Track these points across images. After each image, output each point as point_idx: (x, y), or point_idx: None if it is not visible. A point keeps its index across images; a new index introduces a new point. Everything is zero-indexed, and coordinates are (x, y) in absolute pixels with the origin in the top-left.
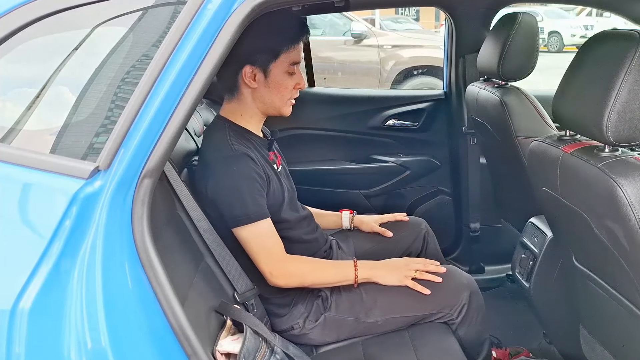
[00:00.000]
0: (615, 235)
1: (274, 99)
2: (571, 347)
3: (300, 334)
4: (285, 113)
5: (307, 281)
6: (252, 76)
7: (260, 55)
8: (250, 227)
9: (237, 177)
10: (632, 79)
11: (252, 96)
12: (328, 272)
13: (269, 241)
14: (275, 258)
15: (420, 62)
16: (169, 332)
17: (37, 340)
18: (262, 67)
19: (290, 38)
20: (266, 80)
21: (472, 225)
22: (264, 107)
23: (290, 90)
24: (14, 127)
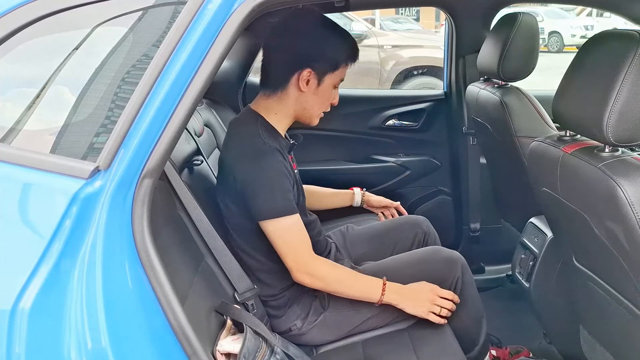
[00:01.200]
0: (615, 236)
1: (315, 107)
2: (571, 347)
3: (299, 334)
4: (314, 123)
5: (330, 287)
6: (306, 80)
7: (323, 64)
8: (278, 221)
9: (269, 171)
10: (633, 79)
11: (296, 98)
12: (355, 284)
13: (297, 237)
14: (303, 254)
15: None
16: (169, 332)
17: (37, 340)
18: (319, 74)
19: (350, 55)
20: (317, 88)
21: (472, 225)
22: (301, 112)
23: (327, 104)
24: (14, 127)
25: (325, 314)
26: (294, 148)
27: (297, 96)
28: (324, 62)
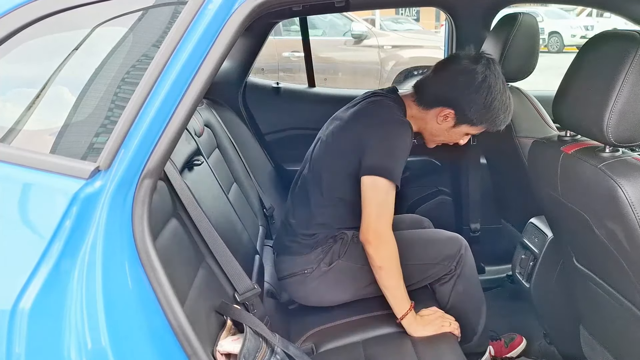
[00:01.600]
0: (616, 236)
1: (440, 138)
2: (571, 347)
3: (308, 280)
4: (430, 146)
5: (381, 260)
6: (444, 117)
7: (469, 116)
8: (384, 181)
9: (402, 142)
10: (633, 79)
11: (430, 123)
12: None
13: (389, 202)
14: (387, 218)
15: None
16: (169, 332)
17: (37, 340)
18: (458, 121)
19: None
20: (450, 129)
21: (472, 225)
22: (427, 133)
23: (447, 140)
24: (14, 127)
25: (339, 261)
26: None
27: (432, 122)
28: (471, 116)
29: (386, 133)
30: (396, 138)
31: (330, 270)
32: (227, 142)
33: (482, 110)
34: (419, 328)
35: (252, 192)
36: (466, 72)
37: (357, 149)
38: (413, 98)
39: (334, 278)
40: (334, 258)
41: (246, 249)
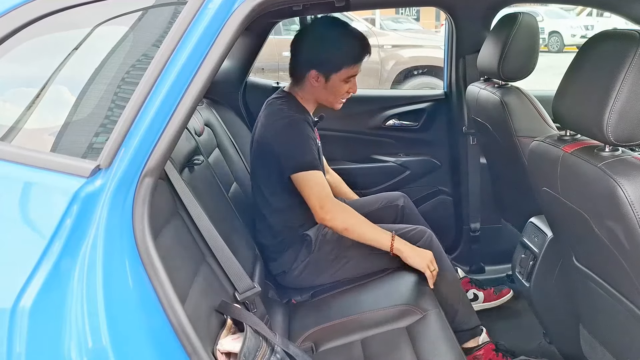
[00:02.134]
0: (616, 235)
1: (329, 98)
2: (571, 347)
3: (293, 276)
4: (335, 108)
5: (347, 223)
6: (315, 78)
7: (326, 67)
8: (307, 173)
9: (299, 134)
10: (633, 78)
11: (312, 90)
12: (368, 228)
13: (323, 185)
14: (326, 196)
15: (420, 62)
16: (170, 331)
17: (38, 339)
18: (325, 75)
19: (354, 57)
20: (326, 84)
21: (472, 225)
22: (319, 99)
23: (343, 94)
24: (15, 126)
25: (310, 257)
26: (317, 124)
27: (312, 89)
28: (327, 65)
29: (284, 136)
30: (293, 135)
31: (308, 264)
32: (227, 141)
33: (333, 52)
34: (412, 253)
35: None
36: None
37: (274, 158)
38: (293, 83)
39: (314, 269)
40: (307, 255)
41: (246, 248)
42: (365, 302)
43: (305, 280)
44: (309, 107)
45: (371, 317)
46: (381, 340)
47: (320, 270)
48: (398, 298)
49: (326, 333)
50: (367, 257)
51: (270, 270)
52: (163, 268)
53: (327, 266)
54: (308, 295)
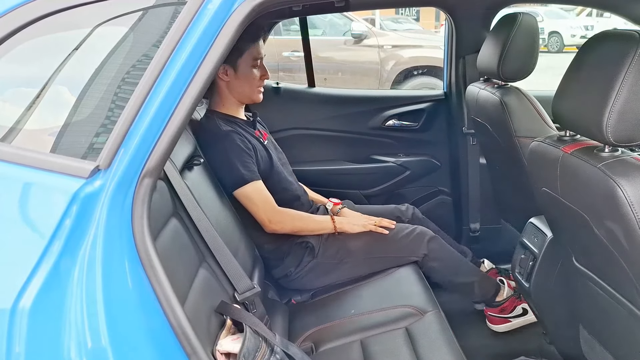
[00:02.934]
0: (615, 236)
1: (245, 89)
2: (571, 347)
3: (295, 279)
4: (256, 100)
5: (297, 226)
6: (224, 72)
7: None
8: (246, 188)
9: (228, 152)
10: (632, 79)
11: (227, 88)
12: (312, 221)
13: (264, 196)
14: (270, 208)
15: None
16: (169, 331)
17: (37, 339)
18: (231, 63)
19: (251, 38)
20: (236, 73)
21: (472, 225)
22: (238, 95)
23: (257, 80)
24: (14, 126)
25: (314, 261)
26: (256, 123)
27: (226, 86)
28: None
29: (213, 159)
30: (219, 154)
31: (312, 267)
32: None
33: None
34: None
35: None
36: None
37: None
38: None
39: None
40: (310, 260)
41: (246, 248)
42: (365, 302)
43: (308, 282)
44: (235, 111)
45: (371, 318)
46: (381, 340)
47: (325, 273)
48: (398, 298)
49: (326, 333)
50: (371, 259)
51: (273, 274)
52: (162, 268)
53: (332, 268)
54: (308, 295)
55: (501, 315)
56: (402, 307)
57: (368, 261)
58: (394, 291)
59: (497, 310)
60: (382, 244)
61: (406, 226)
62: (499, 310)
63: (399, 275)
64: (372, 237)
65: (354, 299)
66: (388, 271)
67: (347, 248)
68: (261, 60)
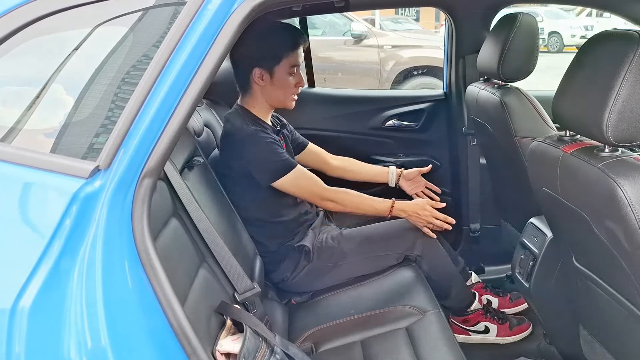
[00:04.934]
0: (615, 236)
1: (279, 95)
2: (571, 347)
3: (293, 282)
4: (289, 107)
5: (348, 205)
6: (260, 76)
7: (267, 60)
8: (288, 176)
9: (260, 147)
10: (632, 79)
11: (261, 92)
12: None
13: (309, 178)
14: (320, 187)
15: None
16: (169, 331)
17: (37, 339)
18: (268, 69)
19: (290, 46)
20: (272, 80)
21: (472, 225)
22: (271, 100)
23: (292, 88)
24: (14, 126)
25: (309, 265)
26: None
27: (260, 90)
28: (267, 60)
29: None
30: (256, 147)
31: (308, 271)
32: None
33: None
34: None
35: None
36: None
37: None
38: (242, 95)
39: (314, 276)
40: (306, 264)
41: (246, 248)
42: (365, 302)
43: (305, 285)
44: (264, 115)
45: (371, 318)
46: (381, 340)
47: (320, 276)
48: (398, 298)
49: (326, 333)
50: (366, 260)
51: (271, 279)
52: (162, 268)
53: (327, 271)
54: (308, 295)
55: (462, 325)
56: (402, 307)
57: (364, 261)
58: (394, 291)
59: (460, 320)
60: (376, 243)
61: (400, 221)
62: (462, 320)
63: (399, 275)
64: (366, 238)
65: (354, 299)
66: (388, 271)
67: (342, 251)
68: (298, 67)
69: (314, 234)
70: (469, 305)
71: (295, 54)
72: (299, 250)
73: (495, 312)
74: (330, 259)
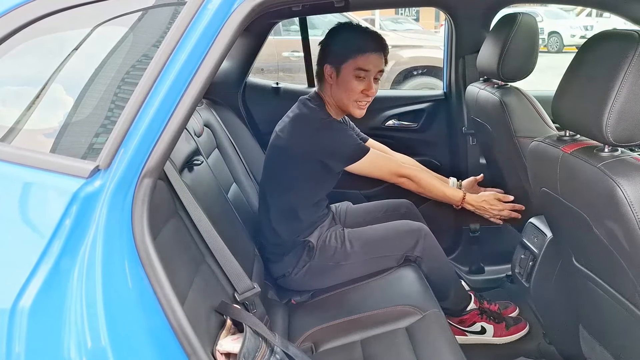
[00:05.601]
0: (615, 236)
1: (342, 96)
2: (571, 347)
3: (293, 279)
4: (354, 114)
5: (422, 184)
6: (330, 73)
7: (335, 57)
8: (365, 159)
9: (335, 134)
10: (632, 79)
11: (330, 90)
12: (438, 184)
13: (385, 157)
14: (397, 164)
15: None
16: (169, 331)
17: (37, 339)
18: (336, 66)
19: (360, 48)
20: (337, 79)
21: (472, 225)
22: (337, 101)
23: (357, 93)
24: (14, 126)
25: (311, 262)
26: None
27: (330, 89)
28: (335, 57)
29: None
30: (332, 133)
31: (309, 268)
32: (226, 142)
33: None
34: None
35: (252, 192)
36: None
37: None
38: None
39: (315, 274)
40: (307, 260)
41: (246, 248)
42: (365, 302)
43: (305, 283)
44: (335, 113)
45: (371, 318)
46: (381, 340)
47: (321, 275)
48: (398, 298)
49: (326, 333)
50: (366, 261)
51: (271, 272)
52: (162, 268)
53: (327, 271)
54: (308, 295)
55: (459, 326)
56: (402, 307)
57: (364, 262)
58: (394, 291)
59: (457, 321)
60: (377, 245)
61: (401, 223)
62: (459, 321)
63: (399, 275)
64: (367, 239)
65: (354, 299)
66: (388, 271)
67: (343, 251)
68: (368, 73)
69: (320, 233)
70: (465, 307)
71: (364, 58)
72: (303, 245)
73: (491, 312)
74: (331, 258)
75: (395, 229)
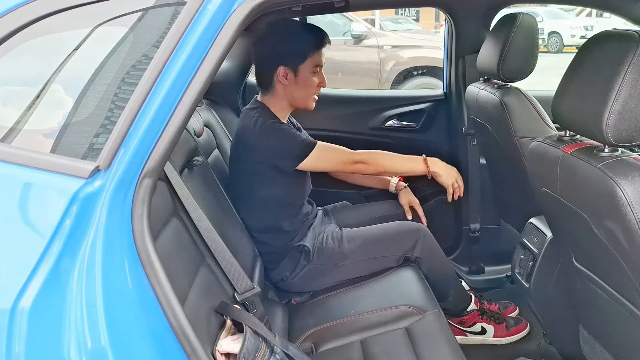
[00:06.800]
0: (615, 236)
1: (301, 94)
2: (571, 347)
3: (292, 282)
4: (309, 107)
5: (378, 164)
6: (284, 75)
7: (292, 58)
8: (312, 155)
9: (279, 135)
10: (632, 79)
11: (284, 91)
12: (396, 158)
13: (334, 149)
14: (348, 152)
15: (420, 62)
16: (169, 331)
17: (37, 339)
18: (293, 67)
19: (315, 45)
20: (296, 78)
21: (472, 225)
22: (292, 100)
23: (314, 87)
24: (14, 126)
25: (309, 265)
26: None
27: (283, 89)
28: (292, 57)
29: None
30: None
31: (307, 272)
32: (226, 142)
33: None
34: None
35: None
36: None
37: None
38: (263, 94)
39: (313, 276)
40: (305, 264)
41: (246, 249)
42: (365, 302)
43: (304, 285)
44: (282, 115)
45: (371, 318)
46: (381, 341)
47: (320, 276)
48: (398, 299)
49: (326, 333)
50: (365, 261)
51: (270, 278)
52: (162, 269)
53: (327, 272)
54: (308, 295)
55: (459, 326)
56: (402, 307)
57: (363, 263)
58: (394, 291)
59: (457, 321)
60: (376, 245)
61: (400, 223)
62: (459, 321)
63: (398, 275)
64: (366, 240)
65: (353, 299)
66: (388, 271)
67: (342, 252)
68: (321, 68)
69: (314, 235)
70: (466, 307)
71: (319, 54)
72: (299, 250)
73: (492, 312)
74: (330, 259)
75: (394, 230)
